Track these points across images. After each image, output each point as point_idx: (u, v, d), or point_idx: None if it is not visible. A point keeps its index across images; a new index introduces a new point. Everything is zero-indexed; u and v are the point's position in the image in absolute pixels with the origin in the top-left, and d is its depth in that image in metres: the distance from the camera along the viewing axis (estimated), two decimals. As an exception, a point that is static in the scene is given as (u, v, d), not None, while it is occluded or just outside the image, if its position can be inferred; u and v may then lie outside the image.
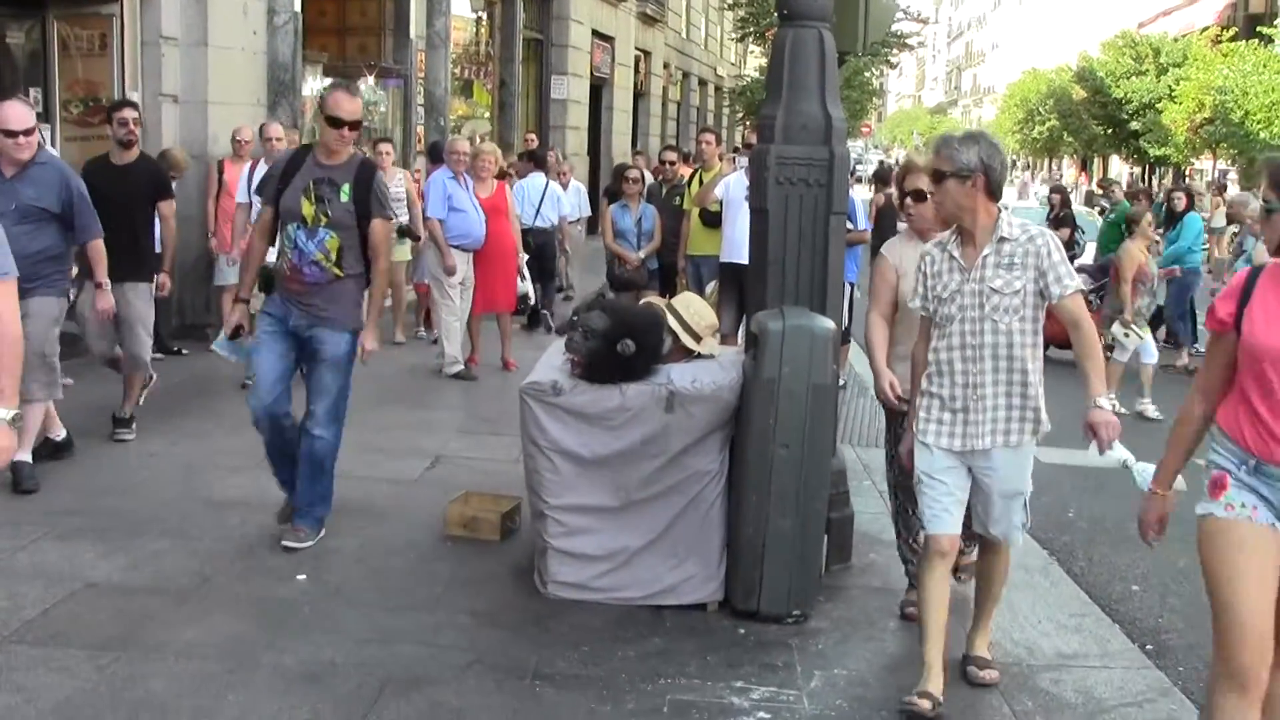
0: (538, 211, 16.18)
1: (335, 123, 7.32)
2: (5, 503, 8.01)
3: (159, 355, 11.77)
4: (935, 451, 5.75)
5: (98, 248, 8.65)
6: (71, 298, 8.88)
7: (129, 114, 10.09)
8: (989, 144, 5.67)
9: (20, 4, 13.76)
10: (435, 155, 16.72)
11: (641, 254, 13.76)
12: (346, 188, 7.37)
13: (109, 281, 8.91)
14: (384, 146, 14.70)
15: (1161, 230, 17.49)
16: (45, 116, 12.88)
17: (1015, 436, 5.70)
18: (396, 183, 14.09)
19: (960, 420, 5.70)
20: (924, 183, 6.33)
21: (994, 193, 5.61)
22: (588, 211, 19.34)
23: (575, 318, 6.98)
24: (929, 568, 5.81)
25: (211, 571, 6.98)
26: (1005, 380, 5.63)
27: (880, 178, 18.77)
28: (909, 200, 6.74)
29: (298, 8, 15.66)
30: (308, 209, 7.33)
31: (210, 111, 14.05)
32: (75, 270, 8.97)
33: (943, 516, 5.77)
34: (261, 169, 11.78)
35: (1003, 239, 5.60)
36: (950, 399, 5.70)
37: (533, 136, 23.47)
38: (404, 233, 14.05)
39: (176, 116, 13.96)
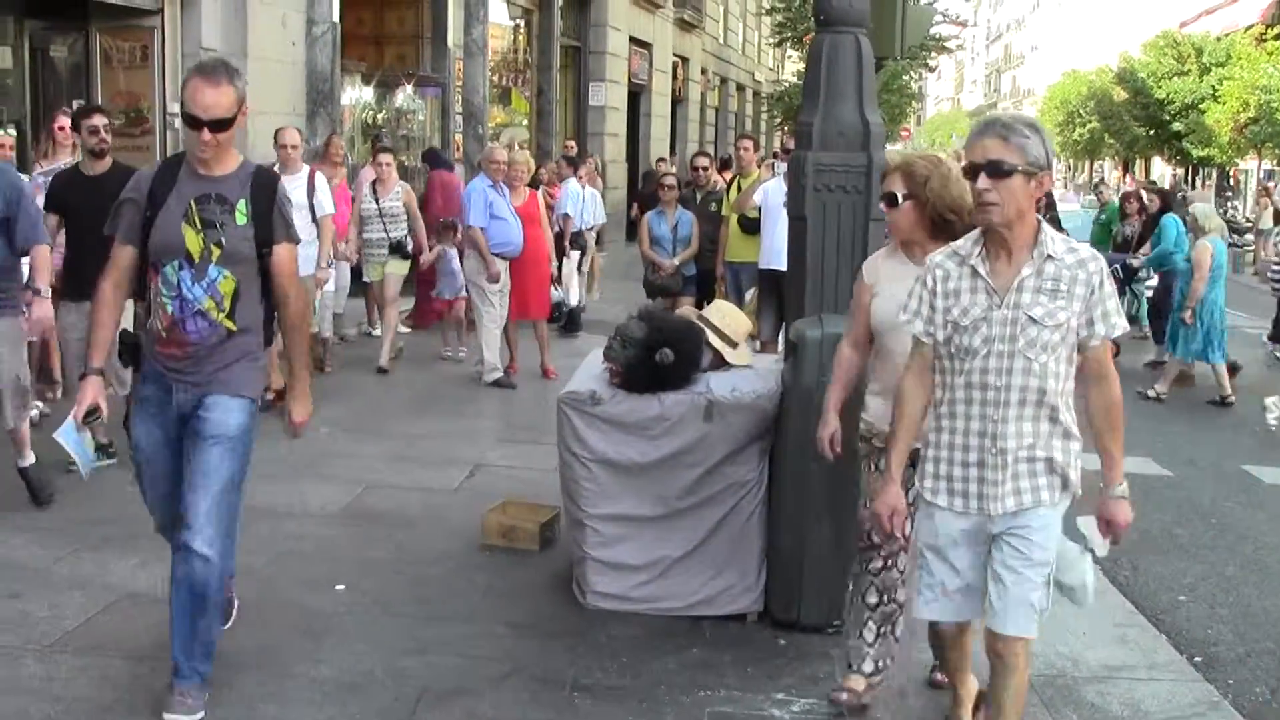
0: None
1: (193, 122, 5.28)
2: (37, 515, 8.05)
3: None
4: (942, 517, 4.74)
5: (41, 254, 8.09)
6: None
7: (98, 120, 9.39)
8: (1047, 136, 4.62)
9: (63, 17, 13.83)
10: (434, 161, 16.71)
11: (676, 260, 13.71)
12: (243, 205, 5.43)
13: (49, 289, 8.18)
14: (384, 157, 14.22)
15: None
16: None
17: (1045, 494, 4.65)
18: (393, 196, 13.90)
19: (975, 478, 4.64)
20: (897, 185, 5.40)
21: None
22: (602, 219, 19.09)
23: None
24: (940, 651, 5.39)
25: (247, 580, 6.94)
26: (1033, 430, 4.58)
27: None
28: (883, 206, 5.63)
29: (336, 18, 15.69)
30: (192, 240, 5.34)
31: (249, 121, 14.03)
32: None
33: (943, 603, 4.88)
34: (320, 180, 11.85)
35: (1049, 258, 4.49)
36: (964, 449, 4.65)
37: (572, 144, 23.48)
38: (396, 249, 13.85)
39: (216, 126, 13.97)
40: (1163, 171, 65.14)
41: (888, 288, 5.34)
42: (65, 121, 10.89)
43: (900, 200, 5.39)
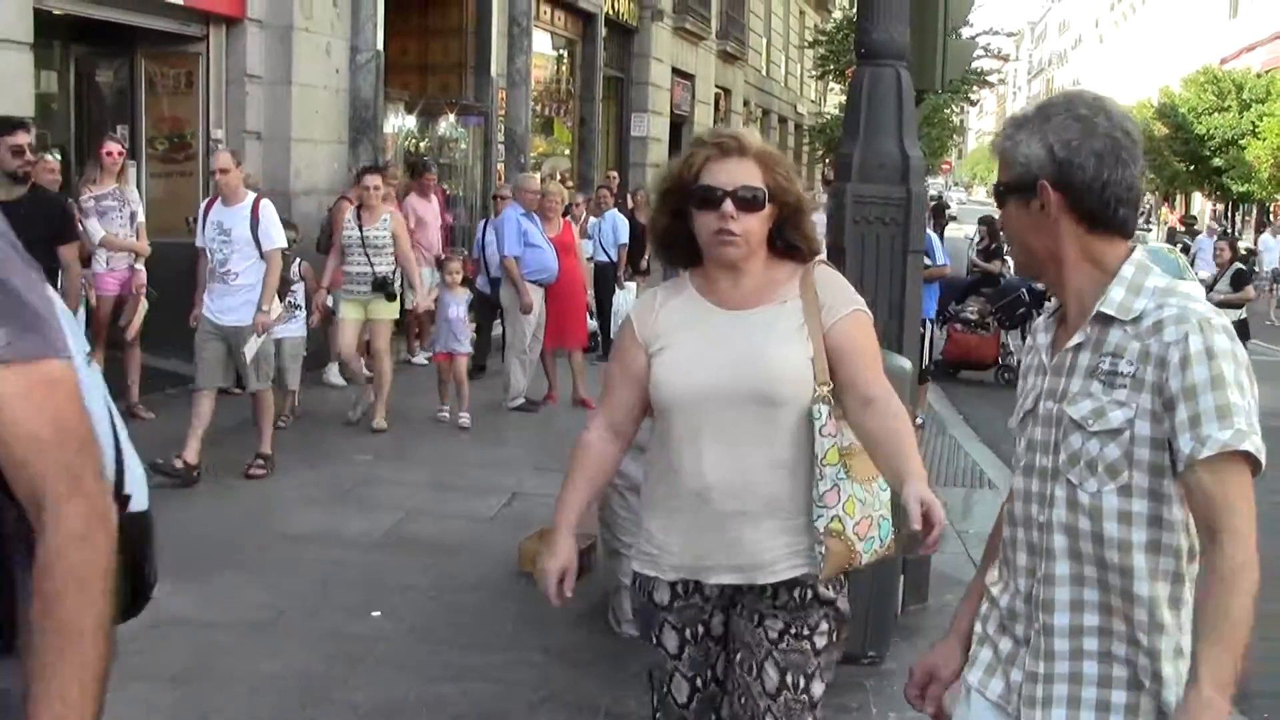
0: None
1: None
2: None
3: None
4: (978, 703, 3.12)
5: None
6: None
7: (22, 139, 8.56)
8: (1075, 119, 2.83)
9: (109, 42, 13.99)
10: (413, 172, 16.33)
11: None
12: None
13: None
14: (370, 179, 11.95)
15: None
16: (132, 153, 13.00)
17: (1096, 715, 2.85)
18: (380, 224, 11.83)
19: (1017, 659, 3.00)
20: (750, 174, 3.59)
21: (1095, 217, 2.83)
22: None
23: None
24: None
25: (285, 605, 7.01)
26: (1095, 604, 2.86)
27: (936, 211, 18.74)
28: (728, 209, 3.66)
29: (380, 46, 15.79)
30: None
31: (293, 149, 14.20)
32: None
33: None
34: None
35: (1108, 319, 2.79)
36: (1009, 613, 3.05)
37: (614, 174, 23.55)
38: (380, 285, 11.76)
39: (260, 153, 14.11)
40: (1203, 207, 64.85)
41: (679, 338, 3.71)
42: (112, 147, 11.01)
43: (754, 196, 3.58)
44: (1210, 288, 16.54)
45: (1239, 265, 16.93)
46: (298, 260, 11.78)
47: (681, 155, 3.75)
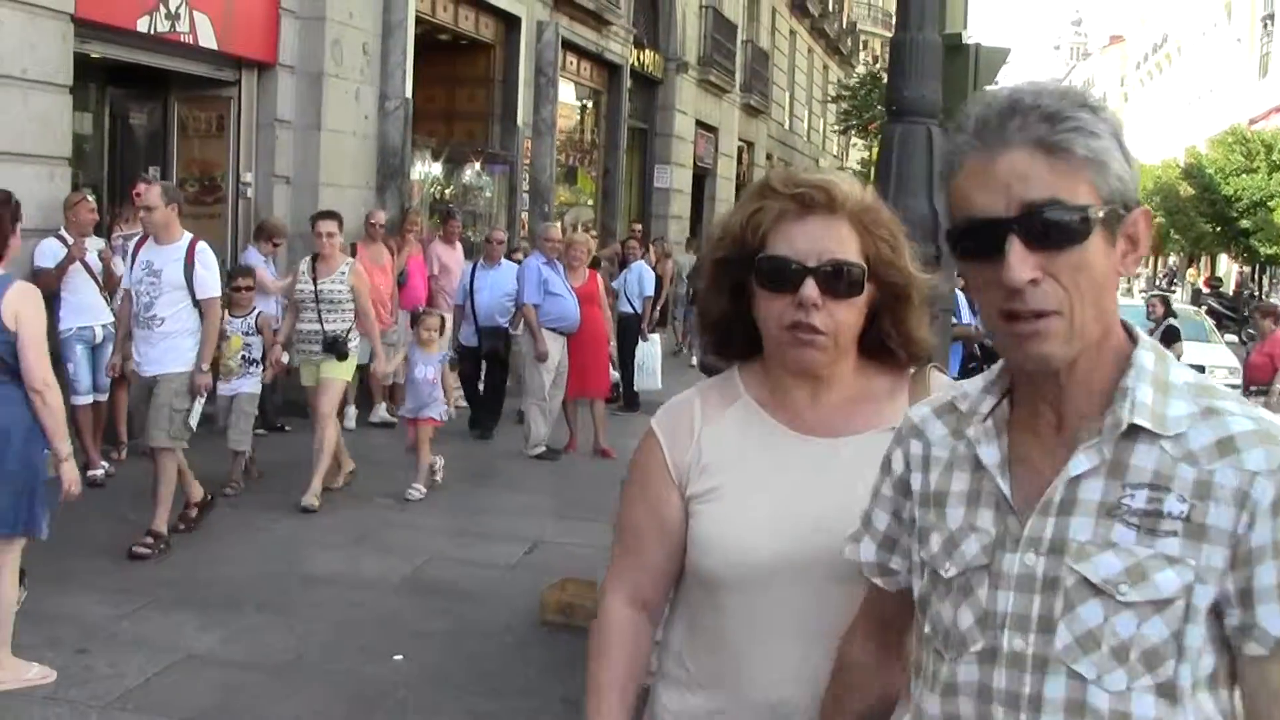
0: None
1: None
2: (115, 570, 8.16)
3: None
4: None
5: None
6: None
7: None
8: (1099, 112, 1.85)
9: (144, 85, 14.12)
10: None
11: None
12: None
13: None
14: (324, 225, 10.63)
15: None
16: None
17: None
18: (336, 278, 10.51)
19: None
20: (843, 244, 2.46)
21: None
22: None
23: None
24: None
25: (306, 648, 7.03)
26: None
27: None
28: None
29: (409, 94, 15.91)
30: None
31: (321, 193, 14.28)
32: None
33: None
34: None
35: (1139, 432, 1.86)
36: None
37: (638, 226, 23.66)
38: (330, 346, 10.45)
39: (288, 197, 14.21)
40: (1229, 268, 64.79)
41: (734, 478, 2.54)
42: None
43: (848, 275, 2.44)
44: None
45: (1171, 322, 16.92)
46: (255, 311, 10.79)
47: (743, 207, 2.52)
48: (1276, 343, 15.46)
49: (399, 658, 6.97)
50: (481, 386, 14.37)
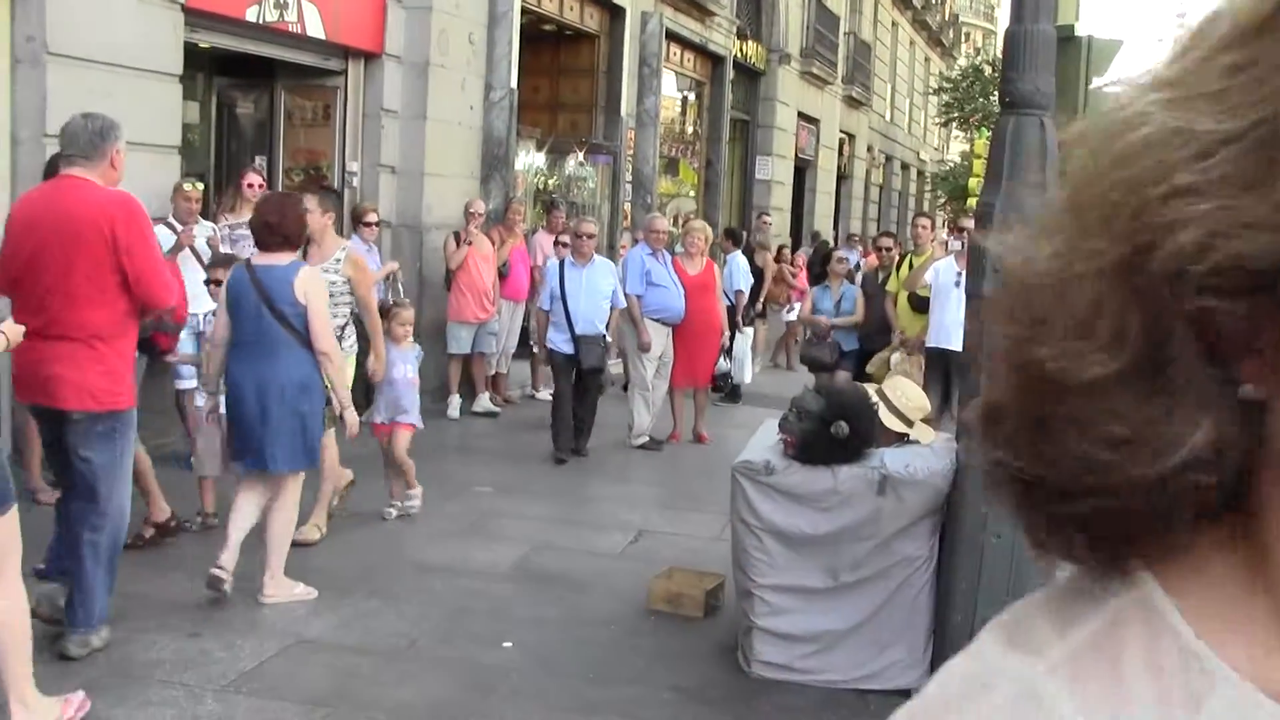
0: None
1: None
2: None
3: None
4: None
5: None
6: None
7: None
8: None
9: (250, 75, 14.27)
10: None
11: (839, 320, 13.61)
12: None
13: None
14: (309, 201, 8.80)
15: None
16: (270, 184, 13.20)
17: None
18: (330, 265, 8.81)
19: None
20: None
21: None
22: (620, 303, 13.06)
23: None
24: None
25: (418, 634, 7.07)
26: None
27: None
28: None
29: (514, 84, 15.95)
30: None
31: (426, 183, 14.36)
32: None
33: None
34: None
35: None
36: None
37: (768, 219, 23.57)
38: None
39: (394, 186, 14.30)
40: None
41: None
42: (254, 178, 11.22)
43: None
44: None
45: None
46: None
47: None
48: None
49: (508, 645, 6.99)
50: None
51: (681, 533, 9.67)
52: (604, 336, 12.40)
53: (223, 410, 7.78)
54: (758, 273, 19.90)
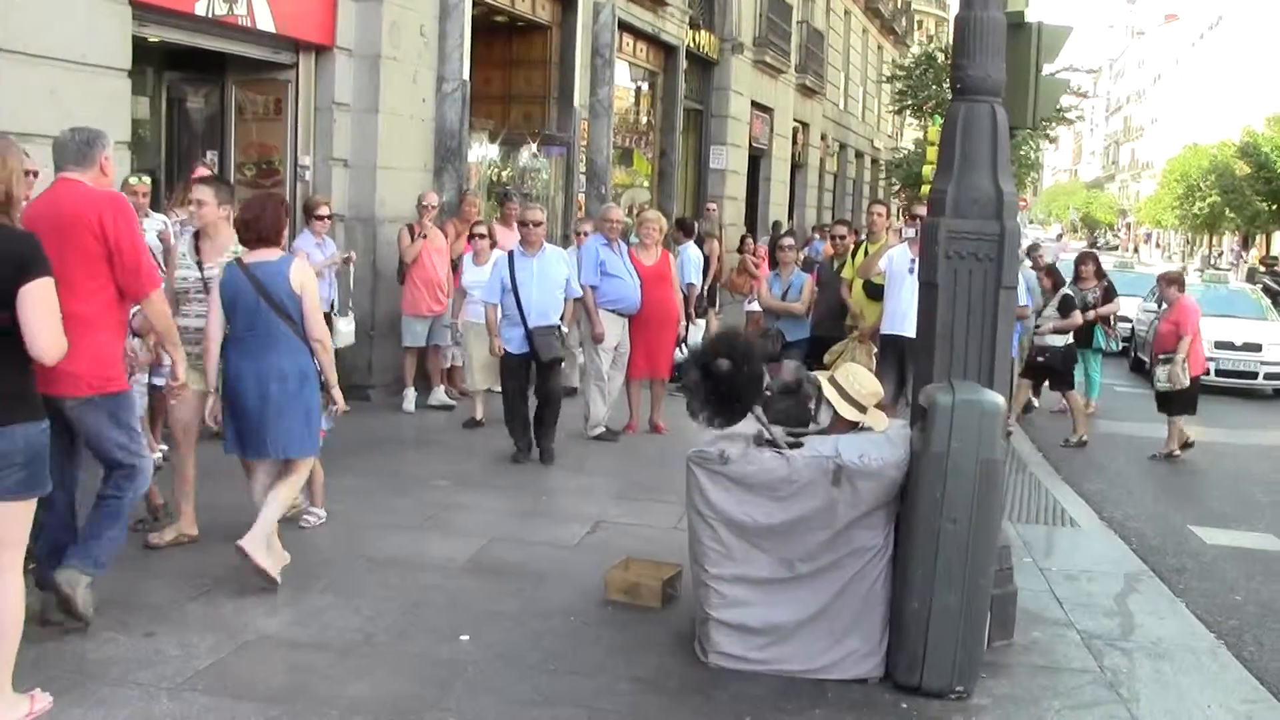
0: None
1: None
2: (173, 555, 8.24)
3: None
4: None
5: None
6: None
7: None
8: None
9: (200, 69, 14.19)
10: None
11: (800, 306, 13.56)
12: None
13: None
14: (196, 192, 8.65)
15: None
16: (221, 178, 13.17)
17: None
18: (229, 254, 8.18)
19: None
20: None
21: None
22: (576, 292, 12.54)
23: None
24: None
25: (374, 629, 7.06)
26: None
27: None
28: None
29: (466, 76, 15.91)
30: None
31: (379, 176, 14.32)
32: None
33: None
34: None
35: None
36: None
37: (713, 206, 23.61)
38: None
39: (347, 180, 14.26)
40: (1285, 247, 64.26)
41: None
42: (205, 173, 11.15)
43: None
44: (1039, 314, 16.43)
45: (1065, 292, 16.77)
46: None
47: None
48: (1181, 310, 15.39)
49: (465, 638, 6.99)
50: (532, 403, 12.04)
51: (639, 523, 9.68)
52: (558, 327, 11.92)
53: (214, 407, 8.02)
54: (707, 261, 20.12)
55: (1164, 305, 16.17)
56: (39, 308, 5.49)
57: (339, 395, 8.19)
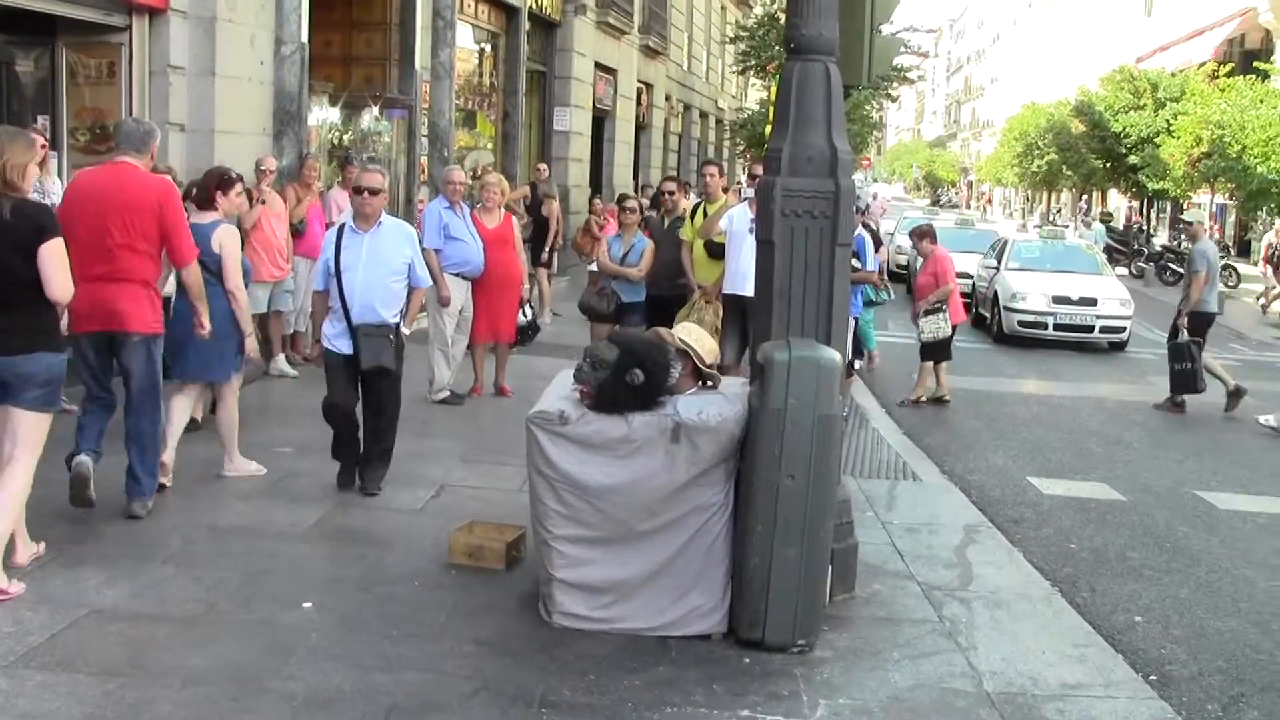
0: None
1: None
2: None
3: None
4: None
5: None
6: None
7: None
8: None
9: (30, 31, 13.83)
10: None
11: (636, 272, 13.55)
12: None
13: None
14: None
15: None
16: (54, 144, 12.88)
17: None
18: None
19: None
20: None
21: None
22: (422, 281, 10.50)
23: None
24: None
25: (216, 598, 6.99)
26: None
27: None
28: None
29: (305, 38, 15.69)
30: None
31: (217, 140, 14.08)
32: None
33: None
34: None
35: None
36: None
37: (543, 167, 23.60)
38: None
39: (184, 145, 14.00)
40: (1119, 204, 65.66)
41: None
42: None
43: None
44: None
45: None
46: None
47: None
48: (938, 260, 16.17)
49: (308, 605, 6.96)
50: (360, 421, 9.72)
51: (484, 486, 9.69)
52: (394, 327, 9.42)
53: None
54: (543, 222, 20.23)
55: (921, 259, 16.66)
56: (54, 261, 6.79)
57: (252, 344, 9.64)
